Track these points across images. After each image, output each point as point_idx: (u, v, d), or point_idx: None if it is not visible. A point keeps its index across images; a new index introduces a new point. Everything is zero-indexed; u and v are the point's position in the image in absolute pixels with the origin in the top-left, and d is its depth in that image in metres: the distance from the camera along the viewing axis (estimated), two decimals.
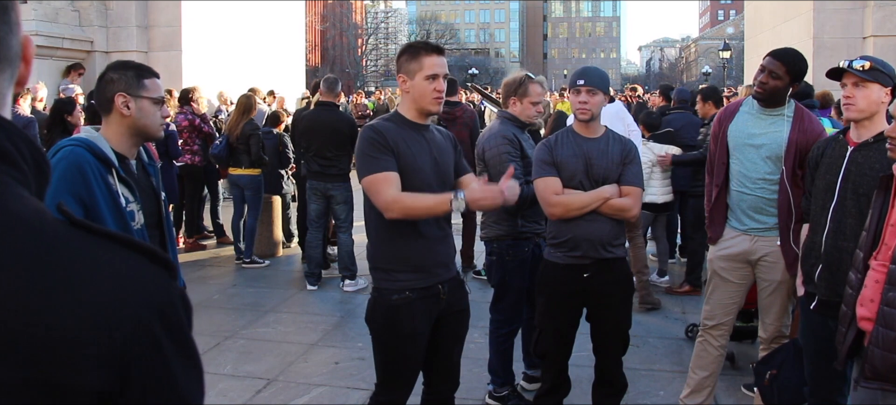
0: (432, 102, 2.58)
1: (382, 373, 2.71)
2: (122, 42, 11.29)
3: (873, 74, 2.66)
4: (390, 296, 2.58)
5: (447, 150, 2.71)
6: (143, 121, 2.25)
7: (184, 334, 0.71)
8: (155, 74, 2.33)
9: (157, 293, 0.69)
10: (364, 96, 20.85)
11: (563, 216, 3.06)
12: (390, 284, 2.59)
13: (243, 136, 6.88)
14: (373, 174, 2.50)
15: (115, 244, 0.70)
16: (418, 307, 2.58)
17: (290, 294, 6.20)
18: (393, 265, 2.59)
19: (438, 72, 2.56)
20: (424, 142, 2.62)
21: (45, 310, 0.63)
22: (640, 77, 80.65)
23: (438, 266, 2.64)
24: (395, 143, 2.53)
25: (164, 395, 0.68)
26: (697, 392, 3.57)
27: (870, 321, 2.17)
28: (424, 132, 2.65)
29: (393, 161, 2.51)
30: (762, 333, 3.43)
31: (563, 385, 3.30)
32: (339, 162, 6.16)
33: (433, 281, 2.61)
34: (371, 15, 74.15)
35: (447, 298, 2.67)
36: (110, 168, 2.16)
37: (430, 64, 2.56)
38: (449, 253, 2.72)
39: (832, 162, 2.79)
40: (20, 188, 0.70)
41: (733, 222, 3.35)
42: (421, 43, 2.65)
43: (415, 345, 2.63)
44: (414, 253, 2.58)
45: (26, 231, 0.66)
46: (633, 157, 3.10)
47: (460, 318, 2.78)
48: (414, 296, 2.57)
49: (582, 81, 3.03)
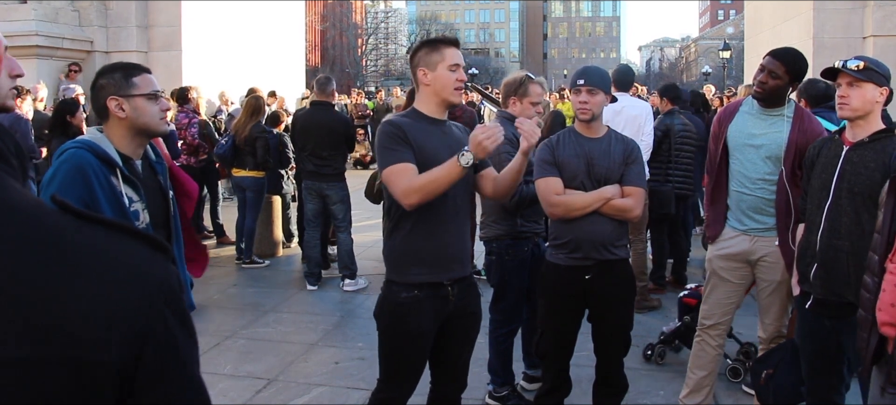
0: (454, 93, 2.59)
1: (385, 370, 2.71)
2: (122, 42, 11.29)
3: (868, 74, 2.67)
4: (400, 294, 2.58)
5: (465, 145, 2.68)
6: (141, 119, 2.23)
7: (185, 312, 0.79)
8: (145, 70, 2.30)
9: (164, 276, 0.76)
10: (364, 96, 20.81)
11: (564, 216, 3.06)
12: (401, 280, 2.58)
13: (250, 139, 6.86)
14: (390, 166, 2.48)
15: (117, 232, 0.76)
16: (426, 307, 2.57)
17: (290, 294, 6.20)
18: (406, 260, 2.58)
19: (459, 62, 2.59)
20: (442, 135, 2.61)
21: (62, 295, 0.68)
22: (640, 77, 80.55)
23: (453, 261, 2.61)
24: (413, 137, 2.52)
25: (173, 365, 0.76)
26: (696, 392, 3.57)
27: (891, 326, 2.14)
28: (442, 127, 2.64)
29: (410, 152, 2.49)
30: (761, 333, 3.43)
31: (564, 385, 3.29)
32: (334, 161, 6.17)
33: (444, 278, 2.58)
34: (371, 15, 74.09)
35: (456, 299, 2.64)
36: (114, 169, 2.15)
37: (451, 54, 2.58)
38: (464, 249, 2.69)
39: (828, 161, 2.79)
40: (12, 181, 0.74)
41: (733, 222, 3.35)
42: (438, 37, 2.68)
43: (419, 345, 2.63)
44: (427, 248, 2.56)
45: (29, 221, 0.71)
46: (635, 158, 3.09)
47: (471, 321, 2.75)
48: (422, 296, 2.56)
49: (582, 81, 3.03)
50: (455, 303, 2.63)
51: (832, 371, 2.90)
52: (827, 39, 9.68)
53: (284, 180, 7.54)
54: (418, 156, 2.50)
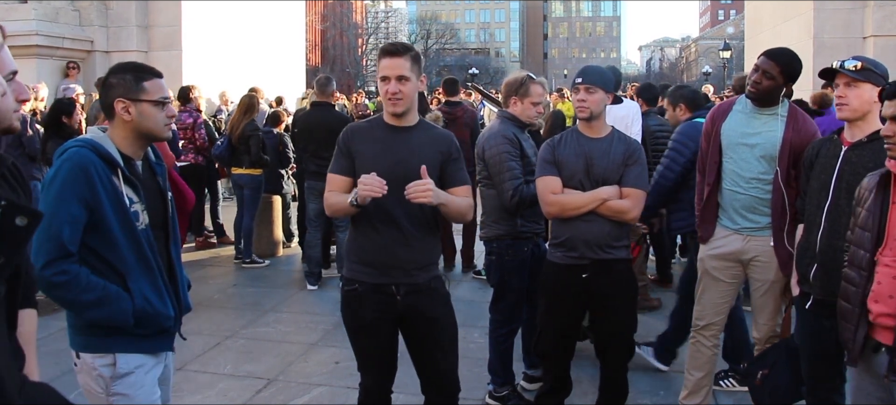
0: (388, 104, 2.61)
1: (356, 357, 2.84)
2: (122, 42, 11.29)
3: (865, 74, 2.67)
4: (344, 287, 2.74)
5: (426, 155, 2.60)
6: (145, 124, 2.23)
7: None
8: (157, 75, 2.29)
9: None
10: (365, 96, 20.78)
11: (558, 215, 3.07)
12: (347, 274, 2.74)
13: (243, 137, 6.89)
14: (329, 172, 2.70)
15: None
16: (366, 301, 2.66)
17: (290, 294, 6.21)
18: (351, 256, 2.73)
19: (389, 74, 2.57)
20: (394, 142, 2.62)
21: None
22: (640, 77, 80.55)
23: (394, 269, 2.63)
24: (356, 143, 2.64)
25: None
26: (695, 393, 3.57)
27: (890, 316, 2.18)
28: (399, 133, 2.64)
29: (346, 164, 2.64)
30: (755, 333, 3.42)
31: (564, 385, 3.29)
32: None
33: (385, 281, 2.64)
34: (371, 15, 74.08)
35: (405, 300, 2.64)
36: (115, 169, 2.15)
37: (381, 66, 2.60)
38: (412, 258, 2.64)
39: (826, 161, 2.79)
40: None
41: (725, 221, 3.34)
42: (383, 45, 2.69)
43: (366, 336, 2.71)
44: (369, 249, 2.65)
45: None
46: (636, 159, 3.08)
47: (432, 326, 2.72)
48: (362, 290, 2.65)
49: (580, 80, 3.07)
50: (403, 304, 2.65)
51: (833, 371, 2.90)
52: (827, 39, 9.68)
53: (284, 180, 7.54)
54: (357, 160, 2.62)
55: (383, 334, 2.70)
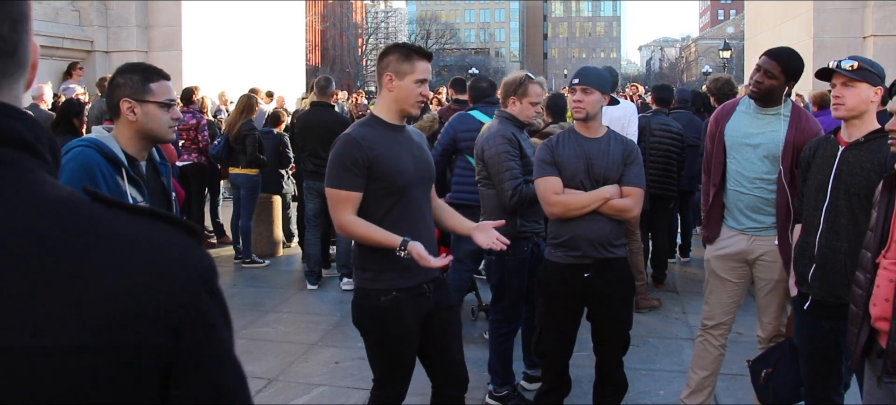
0: (415, 105, 2.66)
1: (380, 371, 2.74)
2: (122, 42, 11.30)
3: (862, 74, 2.67)
4: (379, 298, 2.61)
5: (424, 148, 2.79)
6: (150, 125, 2.24)
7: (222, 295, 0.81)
8: (164, 77, 2.31)
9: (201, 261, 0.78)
10: (364, 96, 20.78)
11: (562, 215, 3.08)
12: (377, 285, 2.62)
13: (240, 136, 6.89)
14: (335, 189, 2.56)
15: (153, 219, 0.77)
16: (407, 306, 2.62)
17: (290, 294, 6.21)
18: (378, 266, 2.61)
19: (427, 78, 2.64)
20: (403, 142, 2.68)
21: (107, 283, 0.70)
22: (640, 77, 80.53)
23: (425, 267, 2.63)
24: (376, 148, 2.56)
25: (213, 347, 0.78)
26: (698, 392, 3.56)
27: (885, 320, 2.17)
28: (401, 133, 2.70)
29: (360, 181, 2.54)
30: (760, 332, 3.43)
31: (564, 385, 3.30)
32: None
33: (419, 280, 2.64)
34: (371, 15, 74.07)
35: (433, 296, 2.70)
36: (120, 168, 2.16)
37: (422, 69, 2.61)
38: (434, 253, 2.68)
39: (824, 161, 2.79)
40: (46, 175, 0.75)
41: (730, 222, 3.35)
42: (415, 47, 2.70)
43: (408, 343, 2.68)
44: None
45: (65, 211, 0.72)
46: (634, 158, 3.11)
47: (449, 315, 2.81)
48: (401, 296, 2.61)
49: (577, 81, 3.09)
50: (433, 300, 2.70)
51: (831, 371, 2.90)
52: (827, 39, 9.69)
53: (284, 180, 7.54)
54: (383, 164, 2.55)
55: (417, 338, 2.71)
